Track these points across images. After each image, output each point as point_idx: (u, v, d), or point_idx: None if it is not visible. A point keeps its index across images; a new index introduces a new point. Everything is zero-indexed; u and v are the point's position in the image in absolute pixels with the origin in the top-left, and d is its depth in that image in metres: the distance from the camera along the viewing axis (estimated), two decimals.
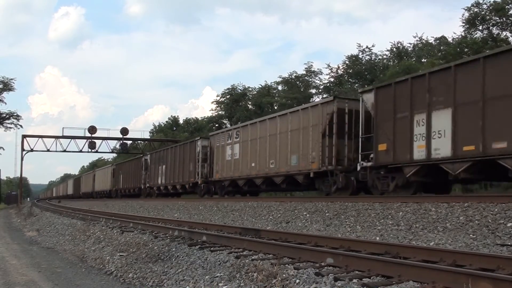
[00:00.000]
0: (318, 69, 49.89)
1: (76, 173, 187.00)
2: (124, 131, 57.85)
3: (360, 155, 16.08)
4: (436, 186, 15.07)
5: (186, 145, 31.57)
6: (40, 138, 56.08)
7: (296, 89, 48.27)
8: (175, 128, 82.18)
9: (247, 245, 8.54)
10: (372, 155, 15.34)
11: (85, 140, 55.98)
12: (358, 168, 15.98)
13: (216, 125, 65.14)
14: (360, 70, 44.22)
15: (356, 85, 45.02)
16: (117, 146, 62.67)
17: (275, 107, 54.28)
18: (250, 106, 59.24)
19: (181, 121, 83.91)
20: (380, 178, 15.42)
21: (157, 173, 36.02)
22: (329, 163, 17.60)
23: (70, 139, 55.81)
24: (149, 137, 72.80)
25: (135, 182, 41.99)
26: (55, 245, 13.47)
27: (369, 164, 15.48)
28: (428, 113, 13.55)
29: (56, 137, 55.84)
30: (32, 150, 55.68)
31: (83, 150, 56.27)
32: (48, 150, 55.88)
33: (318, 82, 48.61)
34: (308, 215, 14.08)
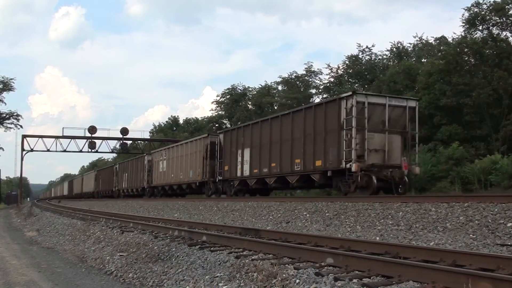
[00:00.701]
0: (318, 69, 49.95)
1: (76, 173, 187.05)
2: (124, 131, 57.88)
3: (217, 172, 25.35)
4: (261, 191, 23.95)
5: (138, 159, 41.98)
6: (40, 138, 56.16)
7: (296, 89, 48.27)
8: (175, 128, 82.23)
9: (247, 245, 8.53)
10: (221, 172, 24.94)
11: (85, 140, 56.00)
12: (217, 180, 25.48)
13: (216, 125, 65.16)
14: (360, 70, 44.21)
15: (356, 85, 45.02)
16: (117, 146, 62.73)
17: (275, 107, 54.29)
18: (250, 106, 59.25)
19: (181, 121, 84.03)
20: (226, 186, 24.85)
21: (123, 179, 46.02)
22: (206, 176, 27.20)
23: (70, 139, 55.85)
24: (149, 137, 72.89)
25: (109, 185, 51.47)
26: (55, 245, 13.46)
27: (221, 178, 25.06)
28: (242, 150, 22.98)
29: (56, 137, 55.86)
30: (32, 150, 55.73)
31: (83, 150, 56.30)
32: (48, 150, 55.93)
33: (318, 82, 48.64)
34: (308, 215, 14.08)
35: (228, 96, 61.62)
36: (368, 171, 15.76)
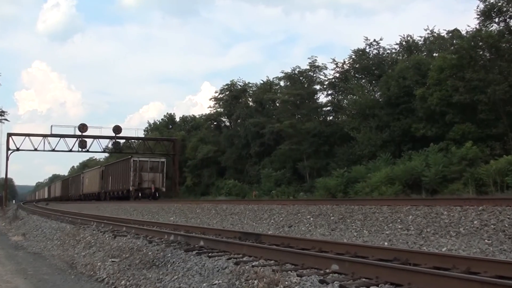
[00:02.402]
0: (322, 64, 49.86)
1: (66, 173, 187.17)
2: (117, 129, 57.82)
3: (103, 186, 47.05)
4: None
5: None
6: (27, 137, 55.90)
7: (299, 85, 48.20)
8: (171, 126, 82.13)
9: (247, 250, 8.52)
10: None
11: (75, 139, 55.88)
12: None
13: (215, 123, 65.15)
14: (367, 65, 44.15)
15: (363, 80, 44.96)
16: (110, 145, 62.72)
17: (277, 104, 54.24)
18: (250, 103, 59.20)
19: (177, 119, 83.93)
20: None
21: (82, 185, 65.22)
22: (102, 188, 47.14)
23: (59, 138, 55.76)
24: (143, 136, 72.85)
25: (76, 190, 68.19)
26: (43, 250, 13.45)
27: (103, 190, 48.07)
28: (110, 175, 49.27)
29: (44, 136, 55.74)
30: (18, 150, 55.54)
31: (73, 150, 56.18)
32: (35, 150, 55.82)
33: (323, 77, 48.53)
34: (312, 218, 14.06)
35: (227, 93, 61.55)
36: (138, 190, 40.35)
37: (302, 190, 41.04)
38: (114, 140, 58.61)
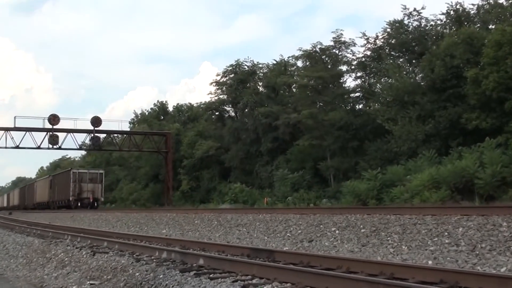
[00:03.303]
0: (350, 39, 49.58)
1: (33, 176, 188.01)
2: (96, 121, 58.04)
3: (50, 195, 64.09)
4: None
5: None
6: None
7: (321, 65, 48.10)
8: (163, 117, 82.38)
9: (257, 271, 8.52)
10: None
11: (45, 132, 56.21)
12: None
13: (217, 113, 65.21)
14: (406, 40, 43.90)
15: (401, 59, 44.76)
16: (87, 141, 62.97)
17: (294, 89, 54.17)
18: (261, 88, 59.20)
19: (171, 108, 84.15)
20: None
21: (35, 194, 75.30)
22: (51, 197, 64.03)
23: (24, 132, 56.06)
24: (129, 129, 73.05)
25: (30, 199, 78.99)
26: (4, 271, 13.53)
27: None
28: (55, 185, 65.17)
29: (7, 129, 56.00)
30: None
31: (41, 147, 56.58)
32: None
33: (351, 56, 48.39)
34: (337, 231, 14.04)
35: (232, 75, 61.54)
36: (78, 199, 56.24)
37: (325, 196, 41.01)
38: (92, 135, 58.78)
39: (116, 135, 64.19)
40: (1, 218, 47.15)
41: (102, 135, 61.64)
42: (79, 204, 56.11)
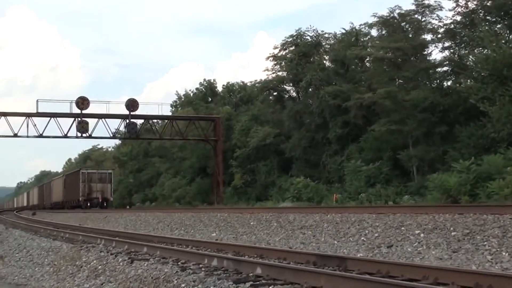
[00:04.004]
0: (436, 2, 48.84)
1: (60, 170, 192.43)
2: (132, 104, 58.63)
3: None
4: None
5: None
6: (3, 117, 57.42)
7: (400, 34, 47.51)
8: (210, 99, 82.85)
9: (326, 282, 8.53)
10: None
11: (73, 119, 57.12)
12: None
13: (275, 93, 65.18)
14: (505, 2, 42.98)
15: (499, 25, 43.78)
16: (122, 128, 63.80)
17: (368, 64, 53.69)
18: (327, 63, 58.90)
19: (219, 88, 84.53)
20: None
21: (52, 193, 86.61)
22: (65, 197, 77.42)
23: (49, 118, 57.02)
24: (170, 114, 73.61)
25: (48, 198, 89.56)
26: (28, 281, 13.89)
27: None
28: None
29: (28, 115, 57.13)
30: None
31: (69, 135, 57.52)
32: (15, 135, 57.39)
33: (436, 22, 47.59)
34: (422, 234, 13.92)
35: (292, 48, 61.39)
36: (87, 199, 66.71)
37: (407, 192, 40.62)
38: (127, 121, 59.33)
39: (155, 120, 64.94)
40: (23, 219, 48.44)
41: (139, 121, 62.27)
42: (88, 204, 65.92)
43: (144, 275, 10.86)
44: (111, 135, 62.58)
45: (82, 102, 56.76)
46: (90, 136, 58.61)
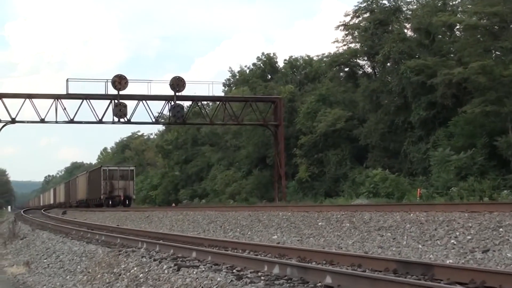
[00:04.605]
0: None
1: (94, 161, 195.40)
2: (178, 84, 58.60)
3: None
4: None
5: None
6: (27, 99, 57.34)
7: None
8: (270, 77, 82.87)
9: None
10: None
11: (108, 101, 57.38)
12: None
13: (346, 69, 64.85)
14: None
15: None
16: (166, 112, 64.06)
17: (457, 33, 53.01)
18: (408, 33, 58.37)
19: (281, 63, 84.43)
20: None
21: (77, 190, 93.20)
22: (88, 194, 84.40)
23: (81, 100, 57.41)
24: (223, 94, 73.80)
25: (73, 195, 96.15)
26: None
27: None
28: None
29: (57, 97, 57.39)
30: (14, 121, 57.41)
31: (104, 120, 57.95)
32: (42, 121, 57.68)
33: None
34: None
35: (367, 15, 61.06)
36: (109, 197, 72.62)
37: (506, 186, 40.14)
38: (173, 103, 59.34)
39: (205, 102, 65.10)
40: (52, 219, 49.26)
41: (186, 103, 62.60)
42: (110, 203, 72.07)
43: (193, 285, 10.94)
44: (154, 120, 62.25)
45: (120, 81, 56.75)
46: (128, 121, 58.59)
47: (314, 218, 22.44)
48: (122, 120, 57.60)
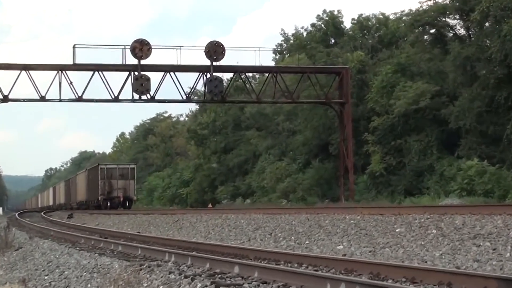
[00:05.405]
0: None
1: (108, 150, 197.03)
2: (215, 50, 58.67)
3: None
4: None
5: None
6: (24, 71, 57.58)
7: None
8: (334, 41, 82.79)
9: None
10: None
11: (127, 73, 57.47)
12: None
13: (432, 30, 64.51)
14: None
15: None
16: (200, 87, 64.16)
17: None
18: None
19: (347, 24, 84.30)
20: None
21: (76, 189, 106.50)
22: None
23: (91, 72, 57.58)
24: (273, 64, 73.72)
25: (73, 195, 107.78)
26: None
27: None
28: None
29: (61, 69, 57.63)
30: (6, 100, 57.66)
31: (121, 98, 58.06)
32: (42, 99, 58.27)
33: None
34: None
35: None
36: (107, 199, 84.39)
37: None
38: (208, 75, 59.24)
39: (250, 74, 65.02)
40: (56, 225, 49.72)
41: (226, 76, 62.71)
42: (108, 204, 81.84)
43: None
44: (184, 97, 62.30)
45: (141, 47, 56.67)
46: (152, 99, 58.69)
47: (391, 223, 22.41)
48: (144, 97, 57.78)
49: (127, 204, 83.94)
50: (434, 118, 58.90)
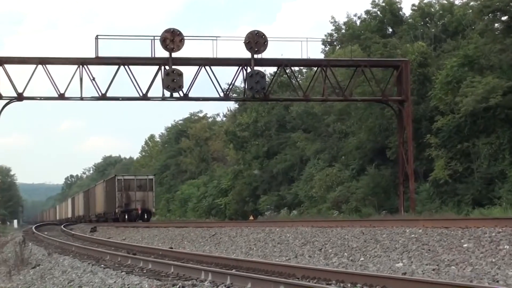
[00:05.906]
0: None
1: (136, 155, 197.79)
2: (257, 41, 58.72)
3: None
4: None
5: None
6: (40, 65, 57.61)
7: None
8: (392, 30, 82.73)
9: None
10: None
11: (156, 67, 57.56)
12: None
13: (504, 17, 64.31)
14: None
15: None
16: (239, 83, 64.28)
17: None
18: None
19: (407, 12, 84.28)
20: None
21: (95, 201, 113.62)
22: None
23: (116, 67, 57.75)
24: (323, 57, 73.77)
25: (92, 207, 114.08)
26: None
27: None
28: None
29: (82, 63, 57.67)
30: (21, 98, 57.80)
31: (150, 96, 58.21)
32: (61, 97, 58.19)
33: None
34: None
35: None
36: (125, 211, 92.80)
37: None
38: (249, 70, 59.19)
39: (297, 68, 65.07)
40: (78, 239, 50.01)
41: (269, 70, 62.79)
42: (126, 217, 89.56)
43: None
44: (222, 94, 62.18)
45: (173, 38, 56.46)
46: (185, 97, 58.57)
47: (457, 238, 22.43)
48: (175, 95, 57.54)
49: (146, 216, 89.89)
50: (507, 118, 58.65)
